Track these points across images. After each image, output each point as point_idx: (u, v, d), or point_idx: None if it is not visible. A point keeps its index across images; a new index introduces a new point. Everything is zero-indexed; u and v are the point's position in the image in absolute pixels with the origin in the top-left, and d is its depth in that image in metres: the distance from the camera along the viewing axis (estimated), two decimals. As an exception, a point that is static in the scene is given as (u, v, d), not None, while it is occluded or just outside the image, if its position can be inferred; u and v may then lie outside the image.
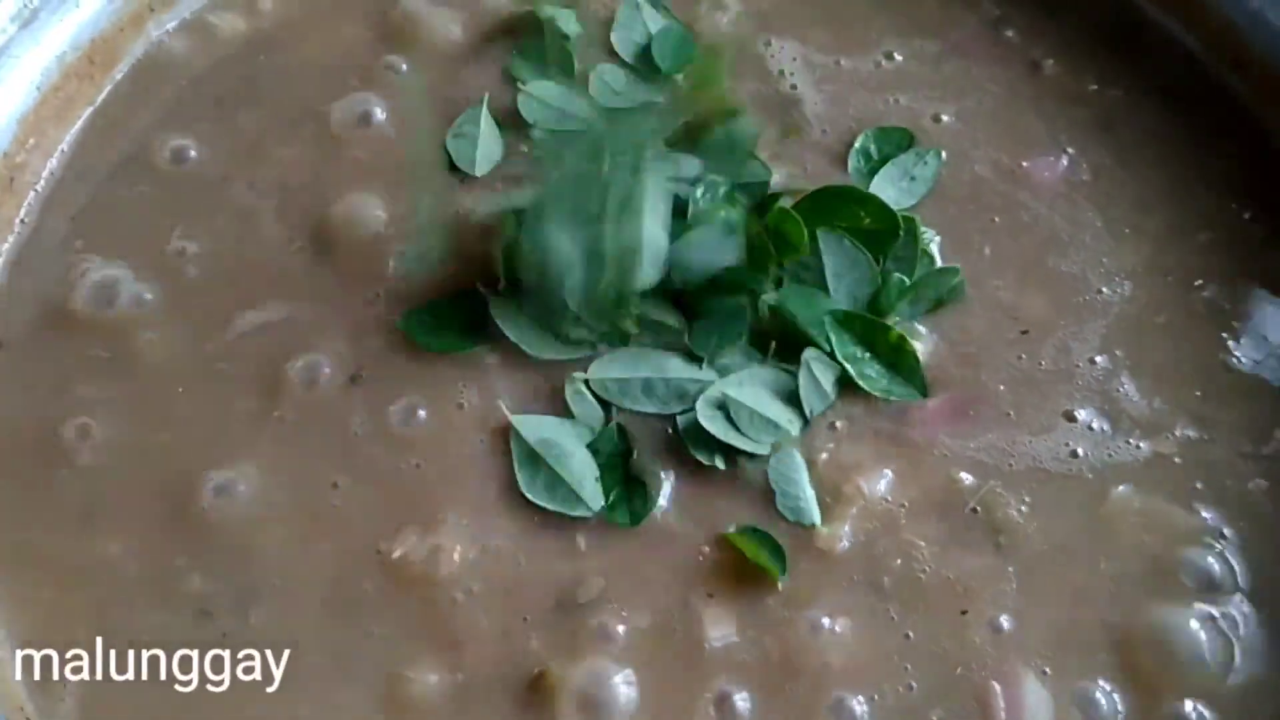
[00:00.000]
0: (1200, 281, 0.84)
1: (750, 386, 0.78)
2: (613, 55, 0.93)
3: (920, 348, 0.80)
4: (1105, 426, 0.79)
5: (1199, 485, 0.77)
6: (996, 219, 0.86)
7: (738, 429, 0.77)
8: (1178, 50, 0.94)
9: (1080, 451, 0.78)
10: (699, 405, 0.77)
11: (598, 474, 0.77)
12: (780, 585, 0.73)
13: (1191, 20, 0.94)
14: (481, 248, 0.82)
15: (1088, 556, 0.75)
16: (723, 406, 0.77)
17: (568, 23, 0.93)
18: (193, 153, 0.89)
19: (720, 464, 0.77)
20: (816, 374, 0.79)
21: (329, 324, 0.82)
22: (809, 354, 0.79)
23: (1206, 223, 0.87)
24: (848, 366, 0.79)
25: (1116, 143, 0.89)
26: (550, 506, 0.76)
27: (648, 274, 0.77)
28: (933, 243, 0.85)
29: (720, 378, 0.78)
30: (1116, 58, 0.93)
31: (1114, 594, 0.74)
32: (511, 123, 0.89)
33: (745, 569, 0.74)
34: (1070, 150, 0.89)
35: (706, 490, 0.77)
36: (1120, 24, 0.95)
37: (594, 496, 0.76)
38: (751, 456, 0.77)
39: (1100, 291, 0.84)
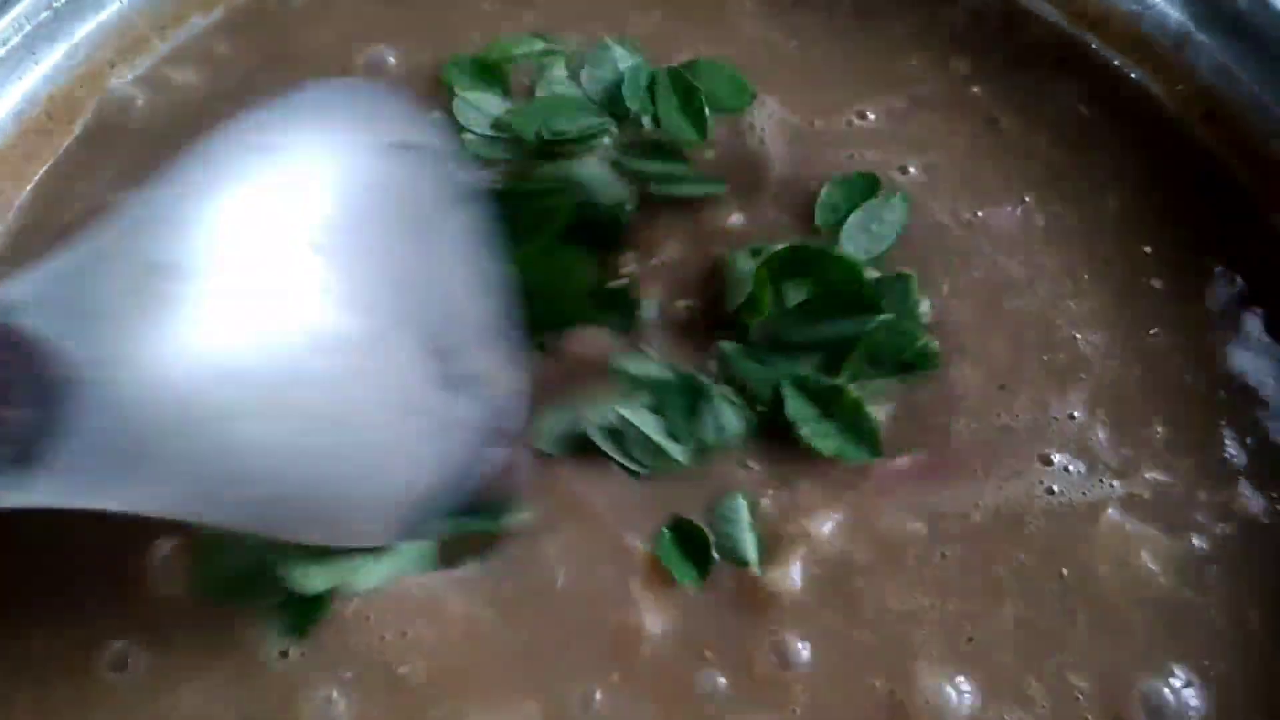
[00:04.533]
0: (1156, 330, 0.85)
1: (644, 411, 0.77)
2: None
3: (884, 410, 0.80)
4: (1082, 469, 0.80)
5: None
6: (955, 263, 0.87)
7: (624, 450, 0.77)
8: (1145, 105, 0.95)
9: (1057, 489, 0.79)
10: (586, 418, 0.77)
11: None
12: (691, 591, 0.74)
13: (1167, 76, 0.94)
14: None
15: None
16: (613, 429, 0.77)
17: (556, 71, 0.92)
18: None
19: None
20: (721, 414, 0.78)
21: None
22: (720, 390, 0.78)
23: (1171, 271, 0.87)
24: (802, 428, 0.78)
25: (1075, 193, 0.90)
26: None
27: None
28: (923, 303, 0.83)
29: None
30: (1078, 111, 0.94)
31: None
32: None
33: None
34: (1027, 199, 0.90)
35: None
36: (1089, 77, 0.96)
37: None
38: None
39: (1073, 338, 0.84)
